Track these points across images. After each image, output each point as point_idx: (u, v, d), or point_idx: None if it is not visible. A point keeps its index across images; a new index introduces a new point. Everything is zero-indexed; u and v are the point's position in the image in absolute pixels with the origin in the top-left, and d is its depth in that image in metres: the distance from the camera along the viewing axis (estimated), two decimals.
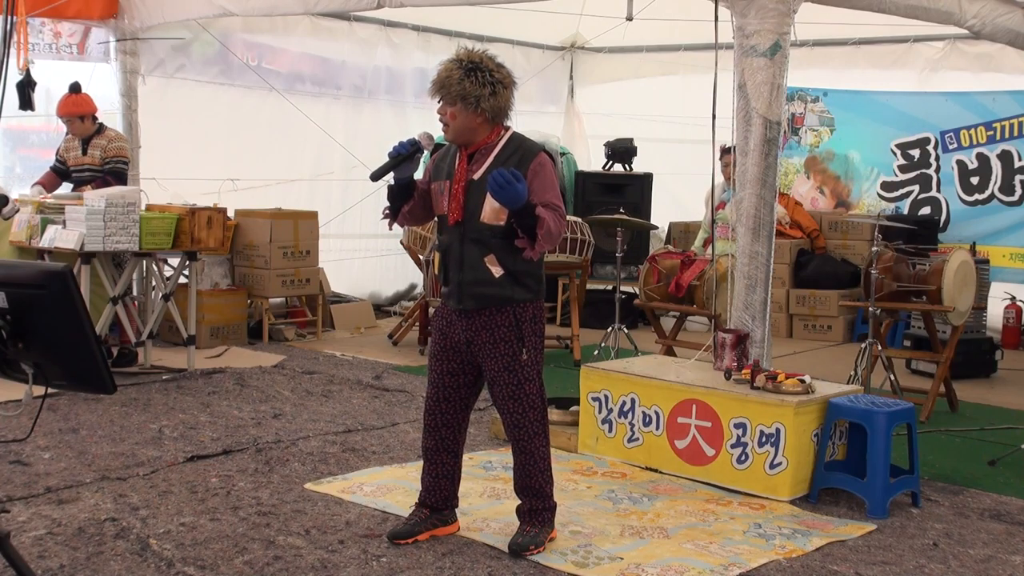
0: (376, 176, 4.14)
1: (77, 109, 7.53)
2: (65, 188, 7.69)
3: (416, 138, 4.18)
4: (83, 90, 7.62)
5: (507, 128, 4.17)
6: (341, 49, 10.32)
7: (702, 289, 7.01)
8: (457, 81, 3.99)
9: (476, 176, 4.07)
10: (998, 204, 9.89)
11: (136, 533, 4.24)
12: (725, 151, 7.12)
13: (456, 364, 4.22)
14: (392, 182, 4.20)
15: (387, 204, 4.27)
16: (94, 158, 7.59)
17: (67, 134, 7.79)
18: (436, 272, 4.24)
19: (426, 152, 4.29)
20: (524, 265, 4.10)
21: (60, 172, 7.77)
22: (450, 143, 4.17)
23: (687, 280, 7.12)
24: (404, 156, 4.12)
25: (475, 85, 3.99)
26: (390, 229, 4.48)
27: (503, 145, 4.11)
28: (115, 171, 7.57)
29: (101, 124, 7.71)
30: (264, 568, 3.92)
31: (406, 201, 4.24)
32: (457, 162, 4.14)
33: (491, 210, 4.03)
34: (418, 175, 4.31)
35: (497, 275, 4.07)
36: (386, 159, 4.13)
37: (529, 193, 3.95)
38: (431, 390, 4.27)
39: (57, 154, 7.84)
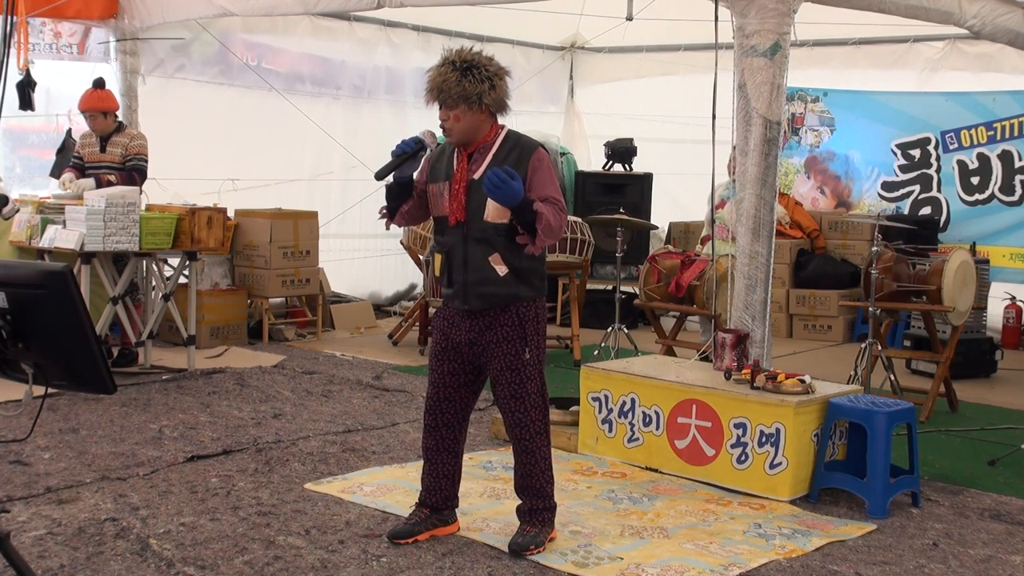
0: (381, 175, 4.15)
1: (102, 104, 7.48)
2: (89, 182, 7.52)
3: (420, 136, 4.19)
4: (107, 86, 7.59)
5: (502, 126, 4.18)
6: (341, 49, 10.32)
7: (702, 289, 7.01)
8: (456, 83, 3.99)
9: (477, 175, 4.07)
10: (998, 204, 9.89)
11: (136, 533, 4.24)
12: None
13: (457, 364, 4.22)
14: (391, 180, 4.21)
15: (385, 204, 4.27)
16: (114, 155, 7.50)
17: (67, 133, 7.77)
18: (437, 274, 4.22)
19: (429, 150, 4.29)
20: (528, 262, 4.11)
21: (80, 168, 7.73)
22: (454, 146, 4.16)
23: (687, 280, 7.12)
24: (408, 154, 4.13)
25: (474, 83, 4.00)
26: (387, 228, 4.48)
27: (500, 143, 4.12)
28: (138, 168, 7.52)
29: (121, 122, 7.68)
30: (264, 568, 3.92)
31: (405, 200, 4.24)
32: (456, 162, 4.14)
33: (495, 208, 4.02)
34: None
35: (502, 274, 4.07)
36: (390, 158, 4.13)
37: (529, 188, 3.97)
38: (432, 390, 4.27)
39: (74, 151, 7.82)
